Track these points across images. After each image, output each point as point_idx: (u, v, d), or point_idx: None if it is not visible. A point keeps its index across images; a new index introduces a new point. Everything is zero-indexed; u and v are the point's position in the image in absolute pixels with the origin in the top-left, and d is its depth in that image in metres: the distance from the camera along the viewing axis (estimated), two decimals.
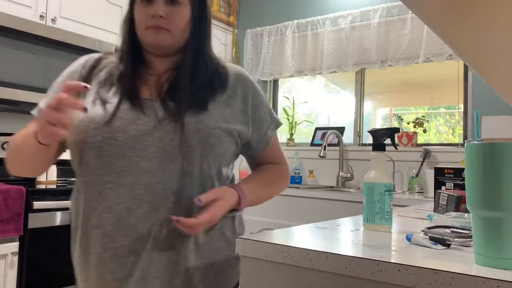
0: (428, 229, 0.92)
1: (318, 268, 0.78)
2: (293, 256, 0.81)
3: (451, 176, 1.86)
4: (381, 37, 3.11)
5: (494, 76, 1.02)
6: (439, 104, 3.31)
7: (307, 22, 3.47)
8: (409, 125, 3.15)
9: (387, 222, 1.07)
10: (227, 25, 3.83)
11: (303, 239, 0.90)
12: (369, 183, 1.08)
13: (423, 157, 2.89)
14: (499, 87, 1.14)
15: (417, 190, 2.81)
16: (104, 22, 2.85)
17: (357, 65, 3.24)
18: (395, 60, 3.06)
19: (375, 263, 0.72)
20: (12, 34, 2.33)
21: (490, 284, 0.63)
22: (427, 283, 0.67)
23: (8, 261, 2.05)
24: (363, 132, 3.36)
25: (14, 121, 2.74)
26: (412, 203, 2.27)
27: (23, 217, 2.09)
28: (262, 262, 0.85)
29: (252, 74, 3.76)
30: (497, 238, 0.71)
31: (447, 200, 1.41)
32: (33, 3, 2.48)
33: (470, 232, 0.88)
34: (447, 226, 0.96)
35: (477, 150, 0.73)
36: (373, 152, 1.12)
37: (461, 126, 2.97)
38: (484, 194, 0.72)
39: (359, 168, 3.18)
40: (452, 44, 0.81)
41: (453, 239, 0.86)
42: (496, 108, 2.69)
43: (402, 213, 1.47)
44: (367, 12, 3.19)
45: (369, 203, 1.08)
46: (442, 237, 0.85)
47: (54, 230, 2.21)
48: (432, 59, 2.91)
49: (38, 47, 2.44)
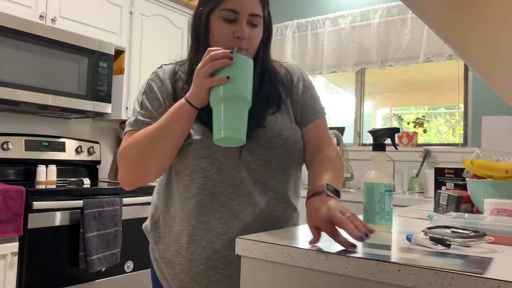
0: (429, 229, 0.92)
1: (318, 268, 0.78)
2: (293, 256, 0.81)
3: (451, 176, 1.86)
4: (381, 37, 3.11)
5: (494, 76, 1.02)
6: (439, 104, 3.31)
7: (307, 22, 3.47)
8: (409, 125, 3.14)
9: (387, 222, 1.07)
10: None
11: (303, 239, 0.90)
12: (369, 183, 1.08)
13: (423, 157, 2.89)
14: (499, 87, 1.14)
15: (417, 190, 2.81)
16: (104, 22, 2.85)
17: (357, 65, 3.24)
18: (395, 60, 3.06)
19: (375, 263, 0.72)
20: (12, 34, 2.33)
21: (490, 284, 0.63)
22: (427, 283, 0.67)
23: (8, 261, 2.05)
24: (363, 132, 3.36)
25: (14, 121, 2.74)
26: (412, 203, 2.26)
27: (23, 217, 2.09)
28: (262, 262, 0.85)
29: None
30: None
31: (447, 200, 1.41)
32: (33, 3, 2.48)
33: (471, 232, 0.88)
34: (447, 226, 0.95)
35: None
36: (373, 152, 1.12)
37: (461, 126, 2.97)
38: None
39: (359, 168, 3.18)
40: (452, 44, 0.81)
41: (453, 239, 0.85)
42: (496, 108, 2.69)
43: (402, 213, 1.47)
44: (367, 12, 3.19)
45: (369, 203, 1.08)
46: (442, 237, 0.85)
47: (54, 230, 2.21)
48: (432, 59, 2.91)
49: (38, 47, 2.44)
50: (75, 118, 2.98)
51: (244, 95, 0.94)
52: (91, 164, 3.03)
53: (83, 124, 3.12)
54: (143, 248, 2.65)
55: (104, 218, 2.34)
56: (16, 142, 2.63)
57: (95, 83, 2.71)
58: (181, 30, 3.40)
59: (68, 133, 3.01)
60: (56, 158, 2.80)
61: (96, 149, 3.05)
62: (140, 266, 2.63)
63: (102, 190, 2.52)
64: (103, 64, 2.76)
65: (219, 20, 1.08)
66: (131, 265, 2.57)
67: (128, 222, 2.55)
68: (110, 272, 2.44)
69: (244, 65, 0.96)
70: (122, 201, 2.47)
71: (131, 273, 2.57)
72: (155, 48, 3.18)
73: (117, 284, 2.50)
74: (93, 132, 3.18)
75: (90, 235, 2.25)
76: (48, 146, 2.78)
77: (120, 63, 3.01)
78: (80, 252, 2.23)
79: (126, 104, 2.99)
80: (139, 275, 2.62)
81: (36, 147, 2.72)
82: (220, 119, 0.92)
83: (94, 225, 2.29)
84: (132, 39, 3.02)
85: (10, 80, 2.33)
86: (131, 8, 3.03)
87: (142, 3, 3.10)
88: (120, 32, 2.95)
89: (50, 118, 2.92)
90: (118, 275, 2.50)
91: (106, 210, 2.36)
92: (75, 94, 2.61)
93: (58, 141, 2.84)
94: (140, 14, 3.08)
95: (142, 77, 3.09)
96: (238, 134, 0.92)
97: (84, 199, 2.28)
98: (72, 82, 2.58)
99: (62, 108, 2.57)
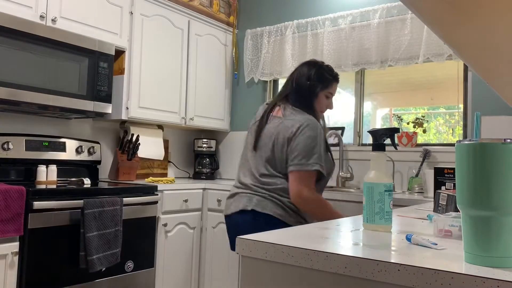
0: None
1: (318, 268, 0.78)
2: (293, 256, 0.81)
3: (451, 176, 1.86)
4: (381, 37, 3.11)
5: (494, 76, 1.02)
6: (439, 104, 3.31)
7: (307, 22, 3.47)
8: (409, 125, 3.15)
9: (387, 222, 1.07)
10: (227, 25, 3.83)
11: (303, 239, 0.90)
12: (369, 183, 1.08)
13: (423, 157, 2.89)
14: (499, 87, 1.14)
15: (417, 190, 2.81)
16: (105, 23, 2.85)
17: (357, 65, 3.24)
18: (395, 60, 3.06)
19: (375, 263, 0.72)
20: (12, 34, 2.33)
21: (490, 284, 0.63)
22: (427, 283, 0.67)
23: (8, 261, 2.05)
24: (363, 132, 3.36)
25: (14, 121, 2.74)
26: (412, 203, 2.27)
27: (24, 217, 2.09)
28: (262, 262, 0.85)
29: (252, 74, 3.77)
30: (486, 237, 0.71)
31: (447, 200, 1.41)
32: (33, 3, 2.48)
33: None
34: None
35: (467, 150, 0.74)
36: (373, 152, 1.12)
37: (461, 126, 2.97)
38: (473, 193, 0.72)
39: (359, 168, 3.18)
40: (452, 45, 0.81)
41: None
42: (496, 108, 2.69)
43: (402, 213, 1.47)
44: (367, 12, 3.19)
45: (369, 203, 1.08)
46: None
47: (54, 230, 2.21)
48: (432, 59, 2.91)
49: (38, 48, 2.44)
50: (75, 118, 2.98)
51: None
52: (92, 164, 3.04)
53: (84, 124, 3.12)
54: (143, 248, 2.65)
55: (105, 218, 2.35)
56: (17, 142, 2.63)
57: (95, 83, 2.72)
58: (181, 30, 3.40)
59: (69, 133, 3.01)
60: (56, 158, 2.80)
61: (96, 149, 3.05)
62: (140, 266, 2.63)
63: (102, 190, 2.52)
64: (104, 64, 2.76)
65: (323, 95, 2.03)
66: (131, 265, 2.57)
67: (128, 222, 2.55)
68: (110, 272, 2.45)
69: None
70: (123, 201, 2.47)
71: (131, 273, 2.58)
72: (155, 48, 3.18)
73: (117, 284, 2.50)
74: (94, 132, 3.18)
75: (90, 235, 2.25)
76: (49, 146, 2.78)
77: (120, 63, 3.01)
78: (81, 252, 2.23)
79: (126, 104, 2.99)
80: (139, 275, 2.63)
81: (37, 147, 2.72)
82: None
83: (95, 225, 2.29)
84: (132, 39, 3.02)
85: (11, 80, 2.33)
86: (131, 9, 3.03)
87: (142, 4, 3.10)
88: (121, 32, 2.95)
89: (51, 118, 2.92)
90: (118, 275, 2.50)
91: (107, 210, 2.36)
92: (75, 94, 2.61)
93: (58, 141, 2.85)
94: (140, 15, 3.08)
95: (142, 77, 3.09)
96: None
97: (84, 199, 2.28)
98: (72, 82, 2.59)
99: (62, 108, 2.58)
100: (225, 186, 3.11)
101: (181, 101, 3.40)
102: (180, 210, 3.01)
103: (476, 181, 0.72)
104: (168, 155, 3.68)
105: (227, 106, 3.85)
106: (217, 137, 3.94)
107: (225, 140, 3.93)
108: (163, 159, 3.56)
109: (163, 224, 2.86)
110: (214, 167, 3.80)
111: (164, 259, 2.87)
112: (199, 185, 3.18)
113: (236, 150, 3.82)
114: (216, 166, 3.83)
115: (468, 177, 0.73)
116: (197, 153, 3.80)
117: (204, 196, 3.20)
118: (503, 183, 0.70)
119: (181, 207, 3.01)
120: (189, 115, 3.45)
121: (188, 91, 3.45)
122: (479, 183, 0.72)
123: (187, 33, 3.44)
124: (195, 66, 3.51)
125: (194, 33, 3.50)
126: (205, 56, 3.61)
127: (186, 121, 3.44)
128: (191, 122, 3.47)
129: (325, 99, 2.03)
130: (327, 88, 2.03)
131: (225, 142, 3.93)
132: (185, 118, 3.43)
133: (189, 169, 3.90)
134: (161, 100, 3.23)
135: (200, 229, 3.17)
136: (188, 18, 3.47)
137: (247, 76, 3.80)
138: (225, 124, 3.83)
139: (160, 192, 2.83)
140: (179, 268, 3.00)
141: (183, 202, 3.02)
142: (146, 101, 3.11)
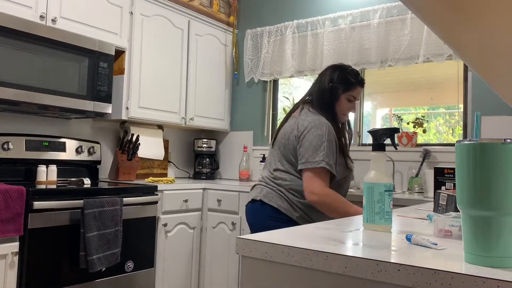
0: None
1: (318, 268, 0.78)
2: (293, 256, 0.81)
3: (451, 176, 1.86)
4: (381, 37, 3.11)
5: (494, 76, 1.02)
6: (439, 104, 3.31)
7: (307, 22, 3.47)
8: (409, 125, 3.15)
9: (387, 222, 1.07)
10: (227, 25, 3.83)
11: (303, 239, 0.90)
12: (369, 183, 1.08)
13: (423, 157, 2.89)
14: (499, 87, 1.14)
15: (417, 190, 2.81)
16: (104, 22, 2.85)
17: (357, 65, 3.23)
18: (395, 60, 3.06)
19: (375, 263, 0.72)
20: (12, 34, 2.33)
21: (490, 284, 0.63)
22: (427, 283, 0.67)
23: (8, 261, 2.05)
24: (363, 132, 3.36)
25: (14, 121, 2.74)
26: (412, 203, 2.27)
27: (24, 217, 2.09)
28: (262, 262, 0.85)
29: (252, 74, 3.77)
30: (486, 237, 0.71)
31: (447, 200, 1.41)
32: (33, 3, 2.48)
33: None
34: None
35: (466, 150, 0.74)
36: (373, 152, 1.12)
37: (461, 126, 2.97)
38: (473, 193, 0.73)
39: (359, 168, 3.18)
40: (452, 45, 0.81)
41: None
42: (496, 108, 2.69)
43: (402, 213, 1.47)
44: (367, 12, 3.19)
45: (369, 203, 1.08)
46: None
47: (54, 230, 2.21)
48: (432, 59, 2.91)
49: (38, 48, 2.44)
50: (75, 118, 2.98)
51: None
52: (92, 164, 3.04)
53: (84, 124, 3.12)
54: (143, 248, 2.65)
55: (105, 218, 2.35)
56: (17, 142, 2.63)
57: (95, 83, 2.72)
58: (181, 30, 3.40)
59: (69, 133, 3.01)
60: (56, 158, 2.80)
61: (96, 149, 3.05)
62: (140, 266, 2.63)
63: (102, 190, 2.52)
64: (104, 64, 2.76)
65: (345, 99, 2.03)
66: (131, 265, 2.57)
67: (128, 222, 2.55)
68: (110, 272, 2.45)
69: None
70: (123, 201, 2.47)
71: (131, 273, 2.58)
72: (155, 48, 3.18)
73: (117, 284, 2.50)
74: (94, 132, 3.18)
75: (90, 235, 2.25)
76: (49, 146, 2.78)
77: (120, 63, 3.01)
78: (81, 252, 2.23)
79: (126, 104, 2.99)
80: (139, 275, 2.63)
81: (37, 147, 2.72)
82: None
83: (95, 225, 2.29)
84: (132, 39, 3.02)
85: (11, 80, 2.33)
86: (131, 9, 3.03)
87: (142, 4, 3.10)
88: (121, 32, 2.95)
89: (51, 118, 2.92)
90: (118, 275, 2.50)
91: (107, 210, 2.36)
92: (75, 94, 2.61)
93: (58, 141, 2.85)
94: (140, 15, 3.08)
95: (142, 77, 3.09)
96: None
97: (84, 199, 2.28)
98: (72, 82, 2.59)
99: (62, 108, 2.57)
100: (225, 186, 3.11)
101: (181, 101, 3.40)
102: (180, 210, 3.01)
103: (476, 181, 0.72)
104: (168, 155, 3.68)
105: (227, 106, 3.85)
106: (217, 137, 3.94)
107: (225, 140, 3.93)
108: (163, 159, 3.56)
109: (163, 224, 2.86)
110: (214, 167, 3.80)
111: (164, 259, 2.87)
112: (199, 185, 3.18)
113: (236, 150, 3.82)
114: (216, 166, 3.83)
115: (468, 177, 0.73)
116: (197, 153, 3.80)
117: (204, 196, 3.20)
118: (503, 183, 0.70)
119: (181, 207, 3.01)
120: (189, 115, 3.45)
121: (188, 91, 3.45)
122: (479, 183, 0.72)
123: (187, 33, 3.44)
124: (195, 66, 3.51)
125: (194, 33, 3.50)
126: (205, 56, 3.61)
127: (186, 121, 3.44)
128: (191, 122, 3.48)
129: (347, 102, 2.03)
130: (348, 91, 2.03)
131: (225, 142, 3.93)
132: (185, 118, 3.43)
133: (189, 169, 3.90)
134: (161, 100, 3.23)
135: (200, 229, 3.18)
136: (188, 18, 3.46)
137: (247, 76, 3.80)
138: (225, 124, 3.83)
139: (160, 192, 2.83)
140: (179, 268, 3.00)
141: (183, 202, 3.02)
142: (146, 101, 3.11)
